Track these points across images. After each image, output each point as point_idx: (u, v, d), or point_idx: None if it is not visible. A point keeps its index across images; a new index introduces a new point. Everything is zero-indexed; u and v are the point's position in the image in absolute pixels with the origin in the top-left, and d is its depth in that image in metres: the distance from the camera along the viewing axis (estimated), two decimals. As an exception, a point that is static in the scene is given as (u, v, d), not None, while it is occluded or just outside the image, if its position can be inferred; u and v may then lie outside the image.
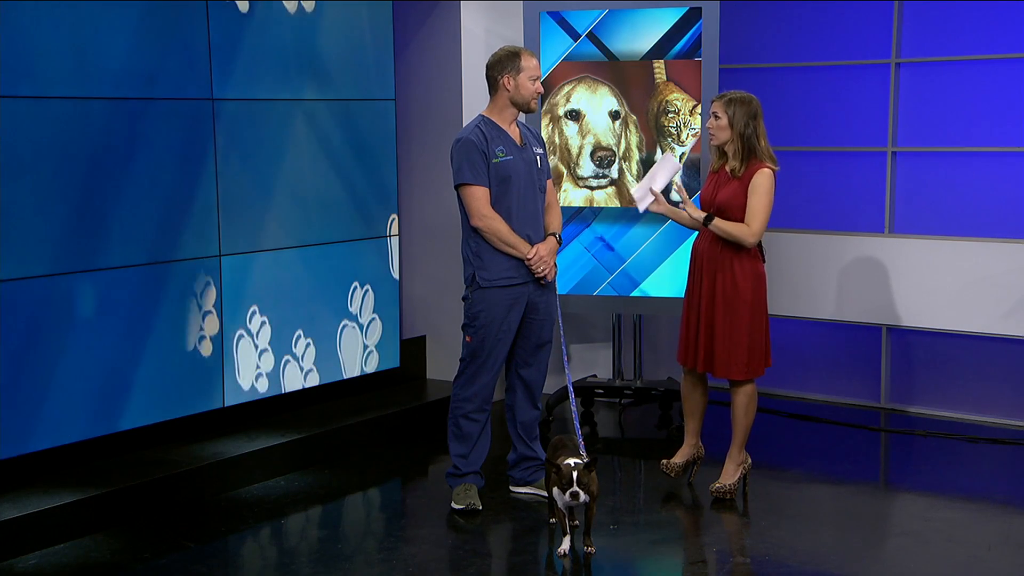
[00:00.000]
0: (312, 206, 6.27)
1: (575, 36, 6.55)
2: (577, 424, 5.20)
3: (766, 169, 5.27)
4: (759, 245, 5.36)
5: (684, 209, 5.41)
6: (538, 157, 5.36)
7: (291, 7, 6.09)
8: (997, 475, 5.96)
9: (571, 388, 5.28)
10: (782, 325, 7.26)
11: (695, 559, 4.92)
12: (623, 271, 6.56)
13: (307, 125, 6.22)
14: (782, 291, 7.21)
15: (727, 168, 5.36)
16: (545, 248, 5.26)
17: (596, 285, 6.59)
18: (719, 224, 5.27)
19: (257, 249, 6.01)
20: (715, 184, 5.40)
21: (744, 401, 5.43)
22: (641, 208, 5.52)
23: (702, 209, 5.42)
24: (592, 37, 6.53)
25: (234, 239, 5.89)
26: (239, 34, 5.84)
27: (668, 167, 5.57)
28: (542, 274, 5.24)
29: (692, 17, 6.42)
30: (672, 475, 5.59)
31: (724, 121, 5.29)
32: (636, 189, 5.60)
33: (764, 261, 5.41)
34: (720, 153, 5.41)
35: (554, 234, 5.36)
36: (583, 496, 4.65)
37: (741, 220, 5.27)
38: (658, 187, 5.51)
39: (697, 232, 5.52)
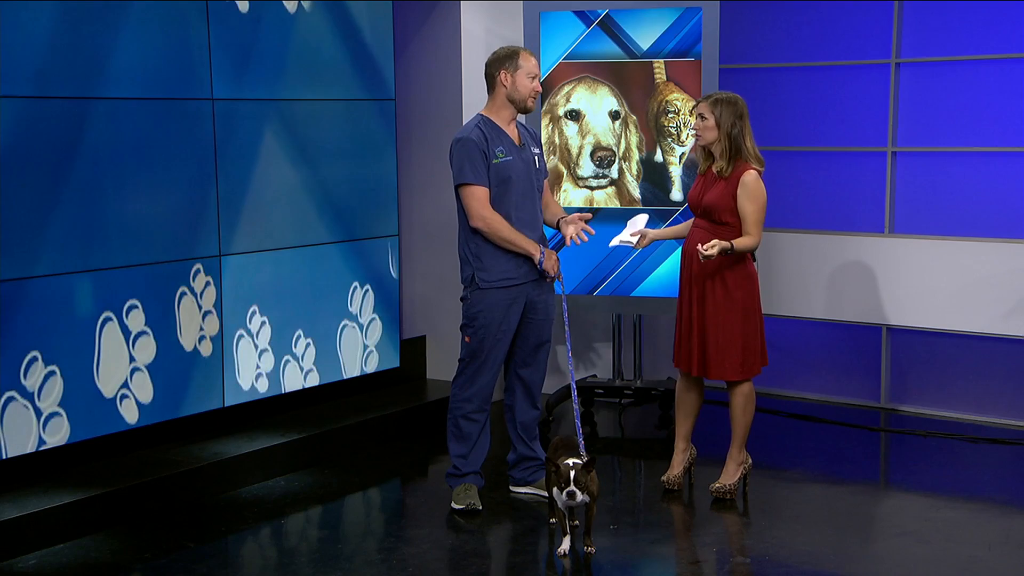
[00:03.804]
0: (312, 206, 6.27)
1: (588, 22, 6.53)
2: (578, 423, 5.18)
3: (753, 171, 5.28)
4: None
5: (712, 249, 5.17)
6: (536, 157, 5.36)
7: (291, 7, 6.09)
8: (997, 475, 5.96)
9: (574, 387, 5.25)
10: (782, 325, 7.27)
11: (695, 559, 4.92)
12: (623, 271, 6.56)
13: (307, 125, 6.22)
14: (782, 291, 7.22)
15: (714, 169, 5.37)
16: (553, 254, 5.27)
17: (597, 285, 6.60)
18: (739, 244, 5.23)
19: (257, 249, 6.02)
20: (702, 186, 5.41)
21: (742, 401, 5.43)
22: (635, 244, 5.50)
23: (692, 212, 5.47)
24: (604, 26, 6.50)
25: (234, 239, 5.90)
26: (239, 34, 5.85)
27: (639, 220, 5.59)
28: (555, 276, 5.25)
29: (688, 16, 6.42)
30: (677, 488, 5.58)
31: (711, 122, 5.30)
32: (618, 241, 5.57)
33: (755, 260, 5.42)
34: (706, 154, 5.42)
35: (563, 218, 5.37)
36: (580, 496, 4.64)
37: (729, 220, 5.28)
38: (638, 229, 5.52)
39: (685, 236, 5.53)
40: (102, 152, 5.30)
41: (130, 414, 5.48)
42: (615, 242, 5.58)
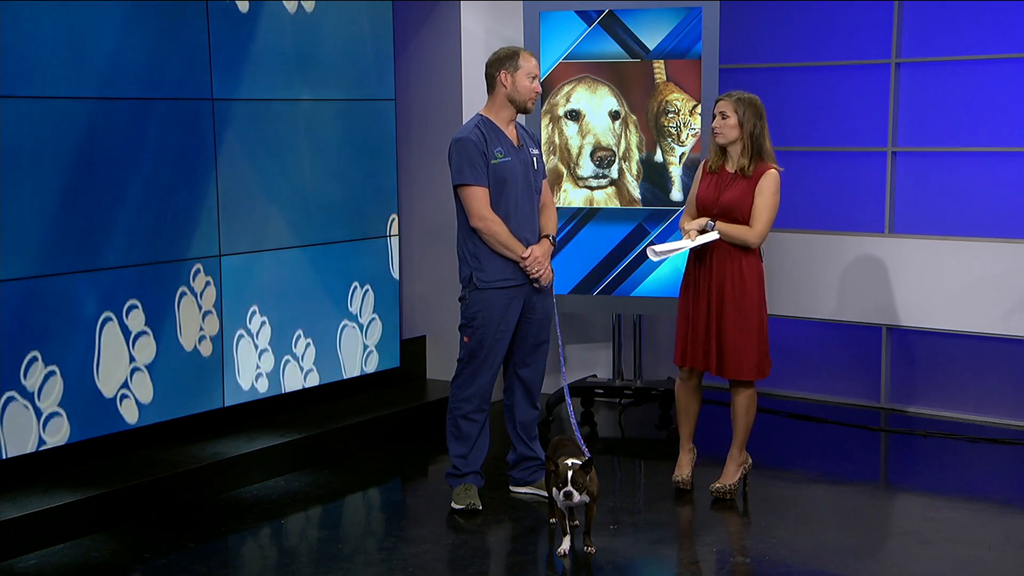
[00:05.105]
0: (312, 206, 6.27)
1: (588, 22, 6.53)
2: (575, 425, 5.17)
3: (774, 171, 5.26)
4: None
5: (689, 236, 5.28)
6: (534, 158, 5.35)
7: (291, 7, 6.09)
8: (997, 475, 5.96)
9: (567, 391, 5.25)
10: (782, 325, 7.26)
11: (695, 559, 4.92)
12: (622, 271, 6.56)
13: (307, 125, 6.22)
14: (783, 291, 7.22)
15: (730, 168, 5.33)
16: (540, 249, 5.25)
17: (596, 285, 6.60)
18: (723, 228, 5.24)
19: (257, 249, 6.01)
20: (717, 185, 5.36)
21: (745, 402, 5.43)
22: (692, 242, 5.39)
23: (704, 211, 5.38)
24: (605, 26, 6.49)
25: (234, 239, 5.90)
26: (239, 34, 5.85)
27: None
28: (536, 275, 5.23)
29: (689, 16, 6.42)
30: (689, 488, 5.57)
31: (733, 120, 5.26)
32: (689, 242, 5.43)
33: (762, 260, 5.42)
34: (719, 153, 5.38)
35: (548, 236, 5.34)
36: (577, 496, 4.64)
37: (748, 220, 5.26)
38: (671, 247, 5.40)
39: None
40: (102, 152, 5.30)
41: (130, 414, 5.48)
42: (688, 242, 5.30)
